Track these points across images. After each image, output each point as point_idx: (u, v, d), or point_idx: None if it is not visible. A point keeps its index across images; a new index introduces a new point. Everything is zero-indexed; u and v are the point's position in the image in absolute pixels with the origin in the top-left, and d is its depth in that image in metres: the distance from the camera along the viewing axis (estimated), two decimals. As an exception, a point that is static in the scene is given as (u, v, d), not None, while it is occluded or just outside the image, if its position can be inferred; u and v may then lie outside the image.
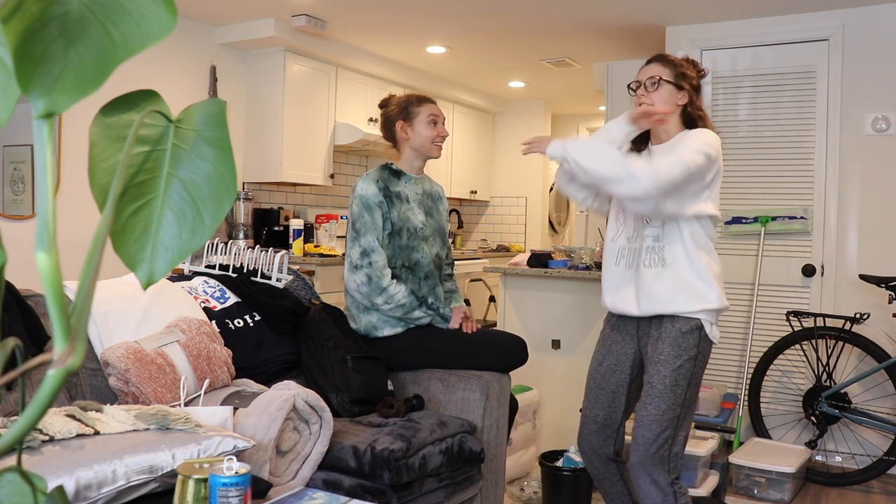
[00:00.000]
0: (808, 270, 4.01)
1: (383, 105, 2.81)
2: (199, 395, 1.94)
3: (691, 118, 2.34)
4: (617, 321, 2.40)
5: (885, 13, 3.91)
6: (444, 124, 2.76)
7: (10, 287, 1.93)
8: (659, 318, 2.26)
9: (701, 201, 2.23)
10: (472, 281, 6.00)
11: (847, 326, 3.59)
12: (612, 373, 2.38)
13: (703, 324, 2.23)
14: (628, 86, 2.41)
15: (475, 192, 7.06)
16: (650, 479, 2.21)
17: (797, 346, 3.75)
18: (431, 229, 2.74)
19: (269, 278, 2.67)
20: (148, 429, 1.56)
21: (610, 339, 2.40)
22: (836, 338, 3.63)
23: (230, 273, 2.62)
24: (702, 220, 2.24)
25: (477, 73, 6.13)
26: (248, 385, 2.16)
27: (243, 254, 2.70)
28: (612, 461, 2.43)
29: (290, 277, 2.75)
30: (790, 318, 3.73)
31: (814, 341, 3.70)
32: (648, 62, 2.38)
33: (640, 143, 2.41)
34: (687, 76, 2.33)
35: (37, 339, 1.90)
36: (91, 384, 1.99)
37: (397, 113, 2.73)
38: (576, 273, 3.66)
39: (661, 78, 2.30)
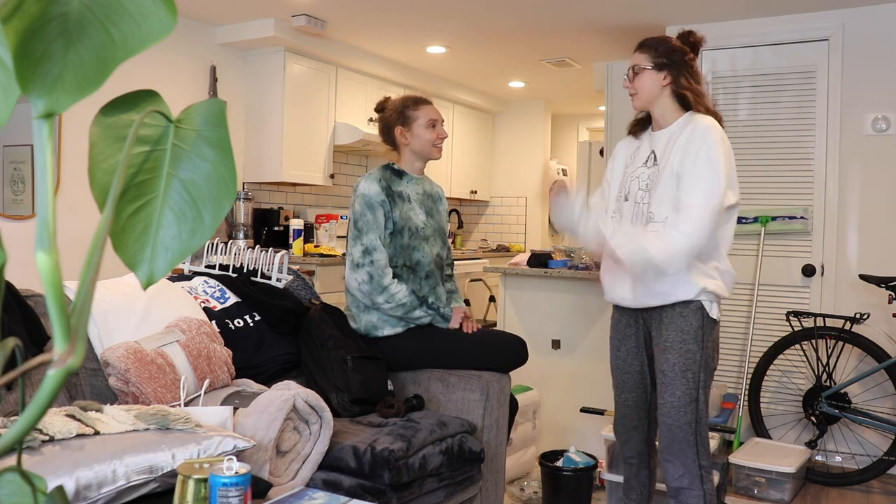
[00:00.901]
0: (808, 270, 4.01)
1: (379, 110, 2.80)
2: (199, 395, 1.94)
3: (683, 97, 2.33)
4: (622, 308, 2.45)
5: (885, 13, 3.91)
6: (442, 125, 2.76)
7: (10, 287, 1.93)
8: (660, 305, 2.30)
9: None
10: (472, 281, 6.00)
11: (847, 326, 3.59)
12: (633, 356, 2.42)
13: (703, 304, 2.26)
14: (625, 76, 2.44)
15: (475, 192, 7.06)
16: (680, 462, 2.28)
17: (797, 346, 3.75)
18: (432, 229, 2.75)
19: (269, 278, 2.67)
20: (148, 429, 1.56)
21: (622, 324, 2.45)
22: (836, 338, 3.63)
23: (230, 273, 2.62)
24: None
25: (477, 73, 6.13)
26: (248, 385, 2.16)
27: (243, 254, 2.70)
28: (645, 444, 2.48)
29: (290, 277, 2.75)
30: (790, 318, 3.73)
31: (814, 341, 3.70)
32: (634, 50, 2.41)
33: (643, 126, 2.43)
34: (670, 55, 2.32)
35: (37, 339, 1.90)
36: (91, 384, 1.99)
37: (395, 118, 2.72)
38: (576, 273, 3.66)
39: (638, 66, 2.33)
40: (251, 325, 2.44)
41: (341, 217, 5.47)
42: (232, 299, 2.49)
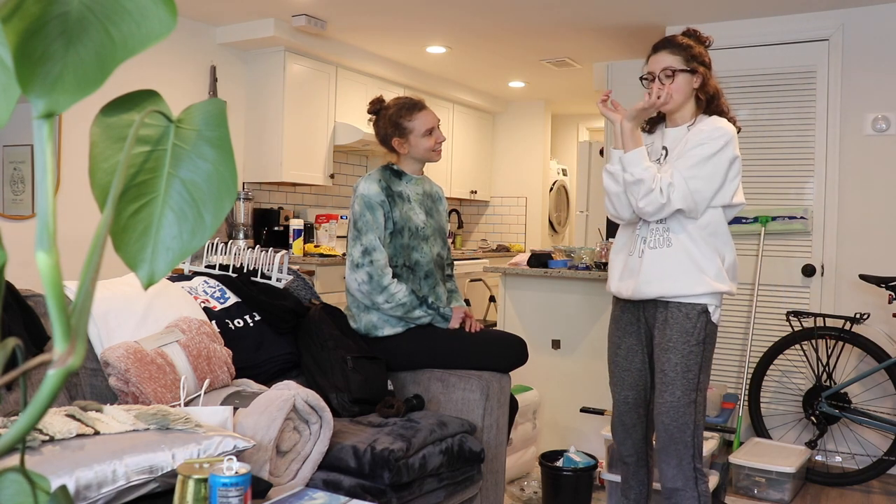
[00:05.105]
0: (808, 270, 4.01)
1: (373, 112, 2.77)
2: (199, 395, 1.94)
3: (701, 98, 2.32)
4: (624, 303, 2.43)
5: (885, 13, 3.91)
6: (439, 127, 2.75)
7: (10, 287, 1.93)
8: (665, 304, 2.28)
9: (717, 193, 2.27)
10: (472, 281, 6.00)
11: (847, 326, 3.59)
12: (634, 353, 2.41)
13: (709, 307, 2.25)
14: (641, 78, 2.39)
15: (475, 192, 7.06)
16: (675, 462, 2.26)
17: (797, 346, 3.75)
18: (432, 229, 2.75)
19: (269, 278, 2.67)
20: (148, 429, 1.56)
21: (623, 321, 2.43)
22: (836, 338, 3.63)
23: (230, 273, 2.62)
24: (716, 207, 2.26)
25: (477, 73, 6.13)
26: (248, 385, 2.16)
27: (243, 254, 2.70)
28: (643, 443, 2.47)
29: (290, 277, 2.75)
30: (790, 318, 3.73)
31: (814, 341, 3.70)
32: (656, 49, 2.35)
33: (656, 122, 2.43)
34: (697, 57, 2.31)
35: (37, 339, 1.90)
36: (91, 384, 1.99)
37: (391, 130, 2.70)
38: (576, 273, 3.66)
39: (671, 68, 2.29)
40: (251, 325, 2.44)
41: (341, 217, 5.47)
42: (232, 299, 2.49)
